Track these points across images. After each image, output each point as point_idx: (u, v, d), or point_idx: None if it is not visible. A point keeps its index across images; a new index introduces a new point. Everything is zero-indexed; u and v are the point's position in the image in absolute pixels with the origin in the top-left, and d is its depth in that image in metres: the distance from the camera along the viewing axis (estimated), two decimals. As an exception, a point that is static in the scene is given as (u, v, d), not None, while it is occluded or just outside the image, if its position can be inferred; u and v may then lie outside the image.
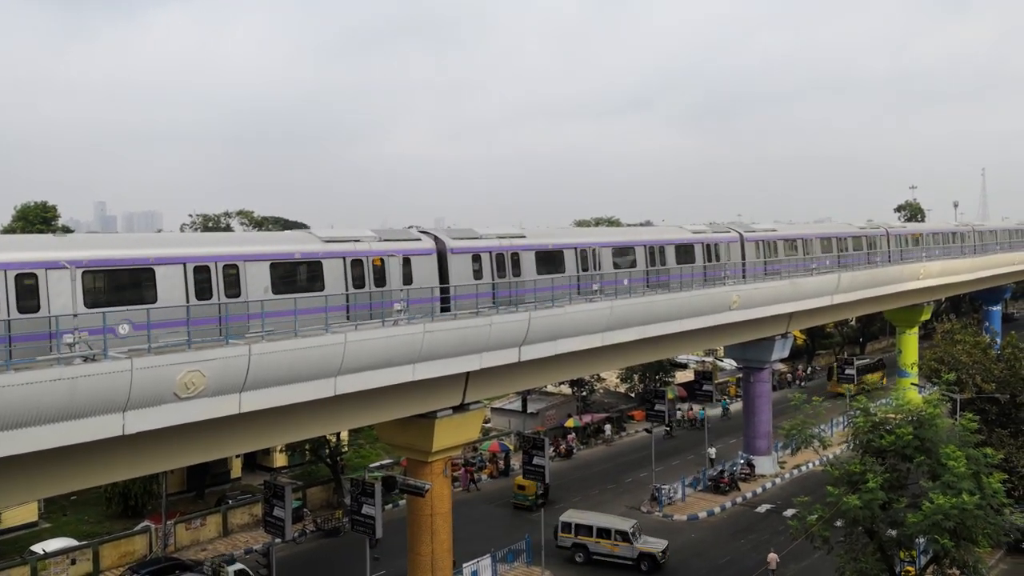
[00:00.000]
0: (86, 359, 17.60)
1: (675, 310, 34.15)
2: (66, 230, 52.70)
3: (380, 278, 24.99)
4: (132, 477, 26.59)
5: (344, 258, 24.22)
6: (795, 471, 46.93)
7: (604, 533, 34.98)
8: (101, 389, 17.40)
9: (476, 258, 28.03)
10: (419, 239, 26.90)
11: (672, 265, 35.68)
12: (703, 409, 56.09)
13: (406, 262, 25.77)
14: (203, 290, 20.95)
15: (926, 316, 60.99)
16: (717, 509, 41.91)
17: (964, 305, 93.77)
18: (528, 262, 29.73)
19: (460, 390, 28.08)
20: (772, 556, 33.47)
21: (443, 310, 25.96)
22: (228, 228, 57.70)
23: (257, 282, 21.98)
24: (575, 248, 31.68)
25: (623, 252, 33.93)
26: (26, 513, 38.97)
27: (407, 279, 25.68)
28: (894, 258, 53.47)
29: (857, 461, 25.67)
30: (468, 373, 27.38)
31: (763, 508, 42.00)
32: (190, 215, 60.39)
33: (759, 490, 44.74)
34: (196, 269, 20.87)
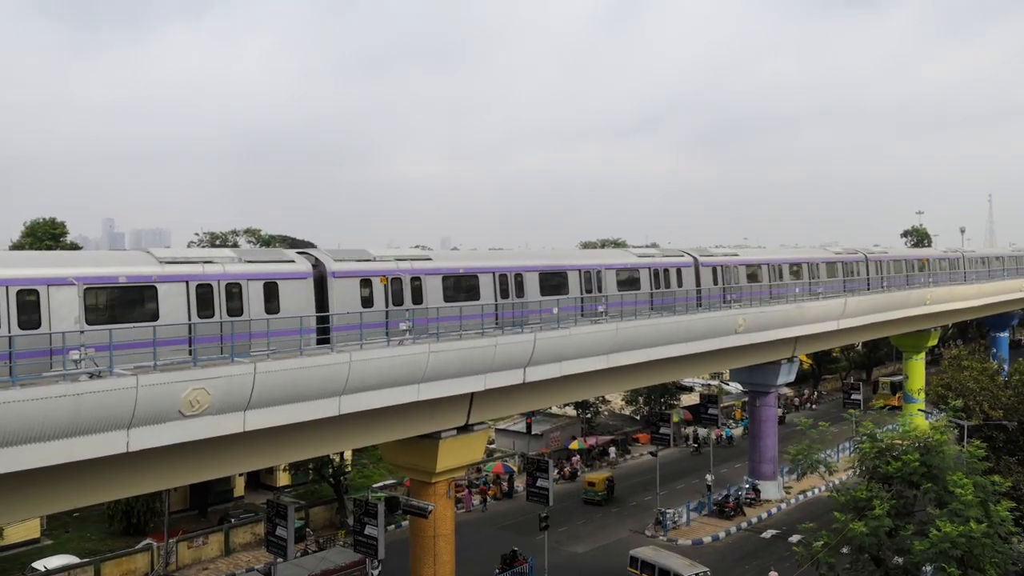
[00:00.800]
0: (92, 375, 17.64)
1: (681, 333, 34.06)
2: (74, 247, 53.03)
3: (237, 306, 22.01)
4: (135, 494, 26.45)
5: (187, 282, 21.04)
6: (801, 496, 46.56)
7: (664, 574, 32.84)
8: (106, 406, 17.42)
9: (366, 283, 24.92)
10: (292, 261, 23.83)
11: (612, 292, 32.46)
12: (728, 428, 56.35)
13: (271, 288, 22.68)
14: None
15: (933, 342, 60.76)
16: (722, 534, 41.60)
17: (971, 331, 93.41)
18: (434, 288, 26.58)
19: (465, 411, 28.03)
20: (773, 574, 33.57)
21: (320, 342, 22.99)
22: (235, 246, 57.90)
23: (66, 311, 18.83)
24: (492, 272, 28.54)
25: (553, 277, 30.73)
26: (28, 529, 38.92)
27: (273, 307, 22.56)
28: (874, 285, 50.29)
29: (863, 487, 25.49)
30: (473, 394, 27.35)
31: (768, 533, 41.67)
32: (197, 233, 60.68)
33: (764, 515, 44.40)
34: None
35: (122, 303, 19.96)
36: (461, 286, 27.59)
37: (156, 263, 21.04)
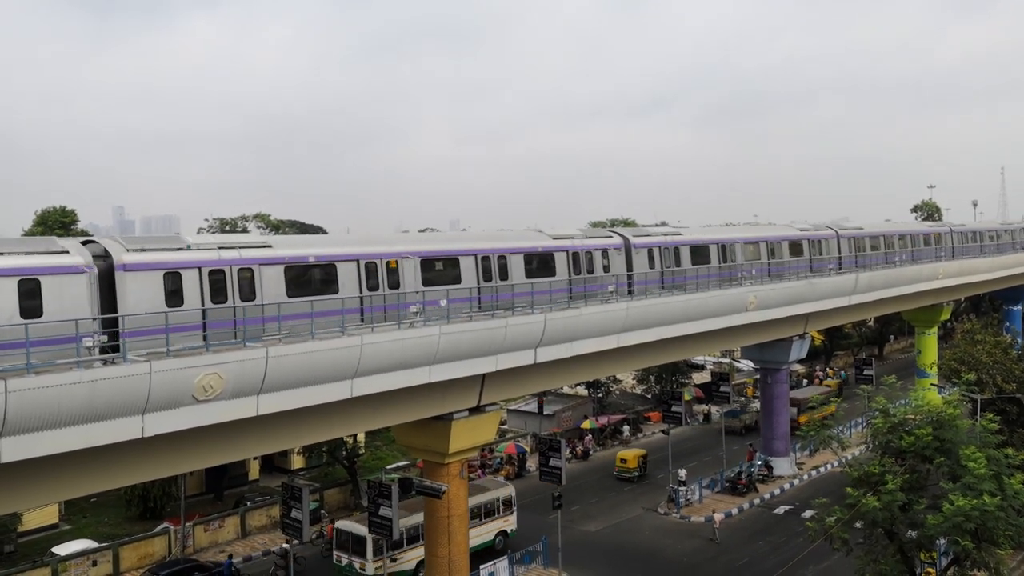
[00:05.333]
0: (105, 362, 17.75)
1: (692, 311, 33.97)
2: (85, 234, 53.23)
3: None
4: (151, 479, 26.73)
5: None
6: (813, 472, 46.60)
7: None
8: (120, 392, 17.54)
9: None
10: None
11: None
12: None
13: None
14: None
15: (945, 316, 60.37)
16: (735, 510, 41.71)
17: (984, 305, 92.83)
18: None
19: (476, 392, 28.10)
20: (717, 516, 38.13)
21: None
22: (245, 231, 58.02)
23: None
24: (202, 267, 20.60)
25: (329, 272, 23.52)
26: (47, 515, 39.34)
27: None
28: (642, 285, 33.26)
29: (876, 462, 25.48)
30: (484, 375, 27.40)
31: (781, 509, 41.76)
32: (206, 219, 60.82)
33: (777, 491, 44.48)
34: None
35: None
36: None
37: None
